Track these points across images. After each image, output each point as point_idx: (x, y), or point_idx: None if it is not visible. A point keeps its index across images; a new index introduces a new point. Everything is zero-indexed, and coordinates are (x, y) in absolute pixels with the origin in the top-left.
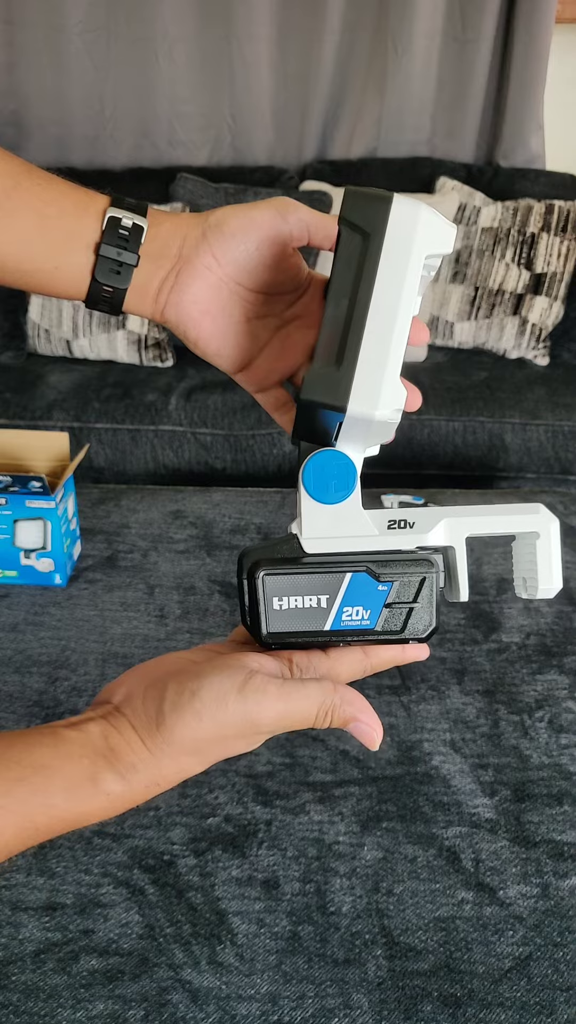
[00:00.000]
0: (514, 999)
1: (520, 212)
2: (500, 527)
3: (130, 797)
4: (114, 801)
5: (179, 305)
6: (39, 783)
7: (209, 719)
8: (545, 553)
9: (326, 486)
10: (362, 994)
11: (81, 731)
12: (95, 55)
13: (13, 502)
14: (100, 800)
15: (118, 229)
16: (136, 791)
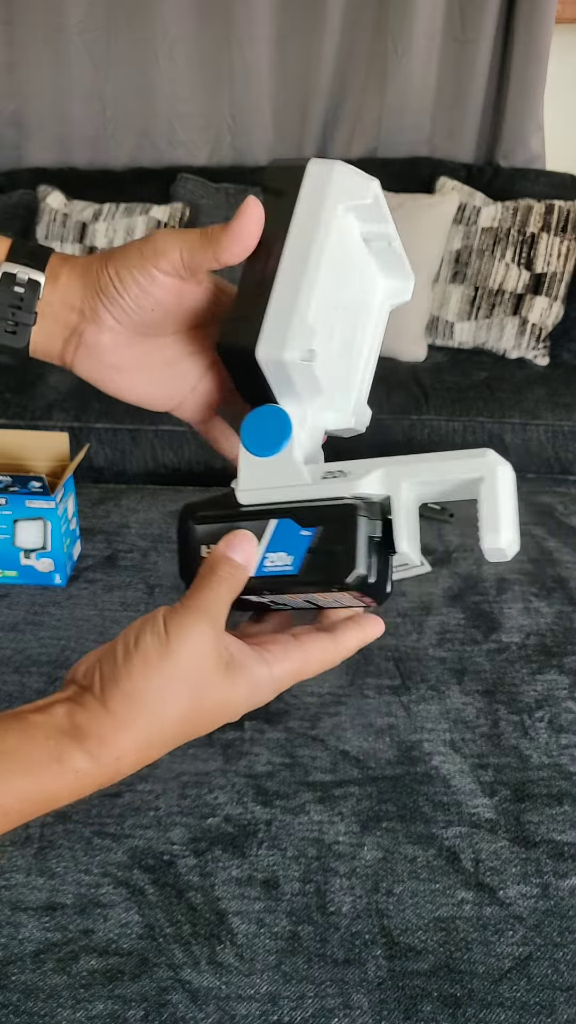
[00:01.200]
0: (514, 999)
1: (520, 212)
2: (440, 473)
3: (99, 773)
4: (83, 778)
5: (88, 361)
6: (5, 766)
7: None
8: (490, 503)
9: (261, 439)
10: (362, 994)
11: (47, 714)
12: (95, 55)
13: (13, 502)
14: (68, 779)
15: (13, 286)
16: (105, 766)
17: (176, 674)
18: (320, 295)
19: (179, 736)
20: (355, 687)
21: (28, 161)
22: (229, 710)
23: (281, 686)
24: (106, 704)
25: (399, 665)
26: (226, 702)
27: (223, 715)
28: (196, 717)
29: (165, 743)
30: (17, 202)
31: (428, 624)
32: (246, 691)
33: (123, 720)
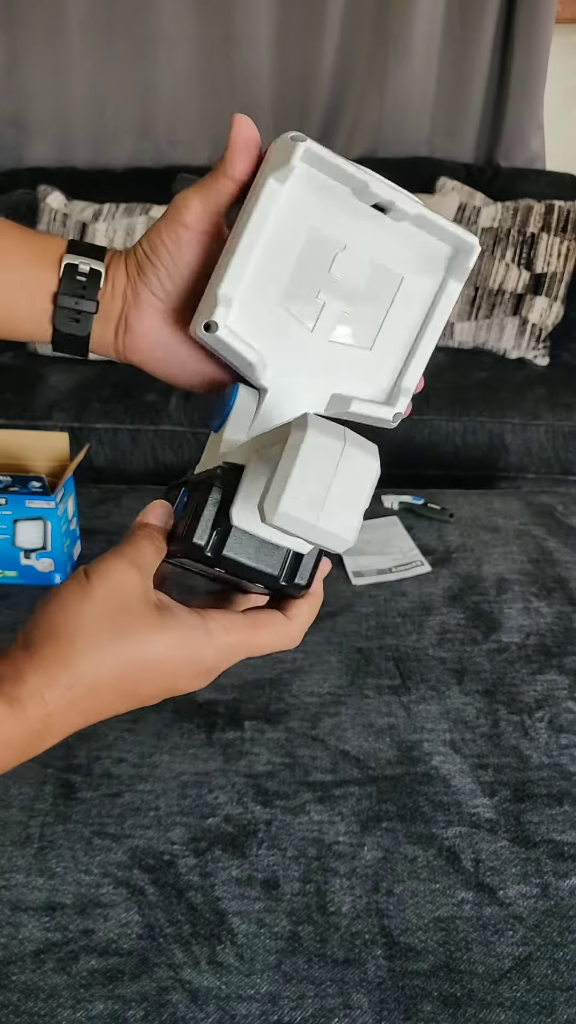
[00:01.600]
0: (514, 999)
1: (520, 212)
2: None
3: (24, 721)
4: (6, 731)
5: (136, 348)
6: None
7: (77, 596)
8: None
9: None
10: (362, 994)
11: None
12: (95, 55)
13: (13, 502)
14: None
15: (76, 276)
16: (28, 708)
17: (95, 607)
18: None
19: (114, 682)
20: (355, 687)
21: (28, 161)
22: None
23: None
24: (27, 647)
25: (399, 665)
26: (163, 649)
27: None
28: (129, 660)
29: (96, 687)
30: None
31: (428, 624)
32: (181, 639)
33: (44, 656)
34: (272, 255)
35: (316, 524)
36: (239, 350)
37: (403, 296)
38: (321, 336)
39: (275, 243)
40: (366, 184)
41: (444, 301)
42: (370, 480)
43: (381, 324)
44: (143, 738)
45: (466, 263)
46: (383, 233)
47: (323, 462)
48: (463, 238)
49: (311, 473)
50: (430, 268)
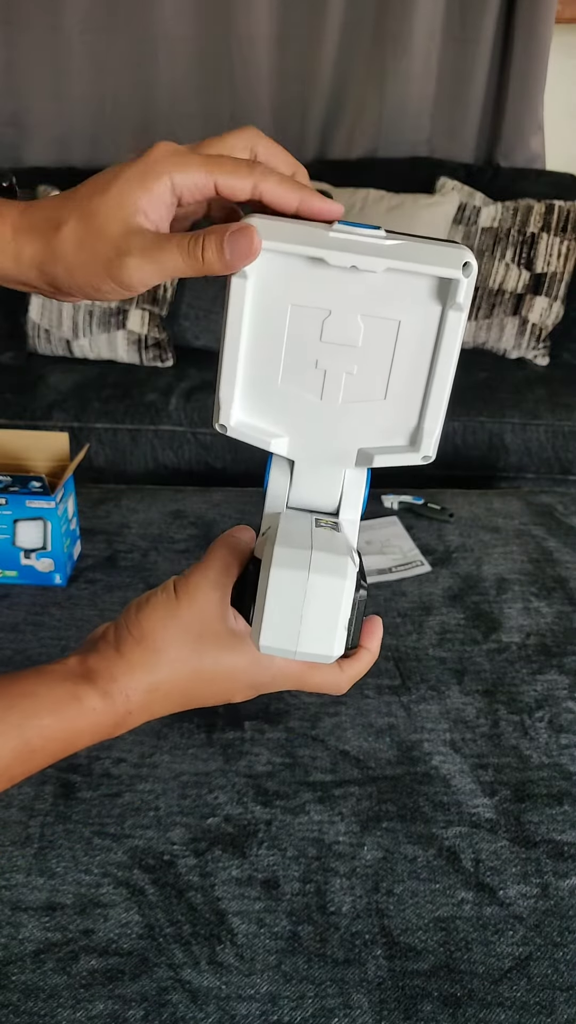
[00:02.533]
0: (514, 999)
1: (520, 212)
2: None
3: (112, 711)
4: (99, 717)
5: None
6: (28, 706)
7: (164, 612)
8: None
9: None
10: (362, 994)
11: (62, 663)
12: (95, 55)
13: (13, 502)
14: (87, 717)
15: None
16: (116, 704)
17: (181, 624)
18: (251, 361)
19: (184, 690)
20: (355, 687)
21: (28, 161)
22: (231, 679)
23: (282, 677)
24: (119, 648)
25: (399, 665)
26: (230, 667)
27: (225, 682)
28: (199, 672)
29: (170, 692)
30: None
31: (428, 624)
32: (247, 663)
33: (133, 661)
34: (260, 343)
35: (296, 651)
36: (254, 439)
37: (405, 339)
38: (331, 401)
39: (259, 331)
40: (324, 260)
41: (449, 334)
42: (342, 597)
43: (389, 373)
44: (143, 738)
45: (456, 294)
46: (365, 286)
47: (290, 595)
48: (444, 275)
49: (281, 607)
50: (424, 304)
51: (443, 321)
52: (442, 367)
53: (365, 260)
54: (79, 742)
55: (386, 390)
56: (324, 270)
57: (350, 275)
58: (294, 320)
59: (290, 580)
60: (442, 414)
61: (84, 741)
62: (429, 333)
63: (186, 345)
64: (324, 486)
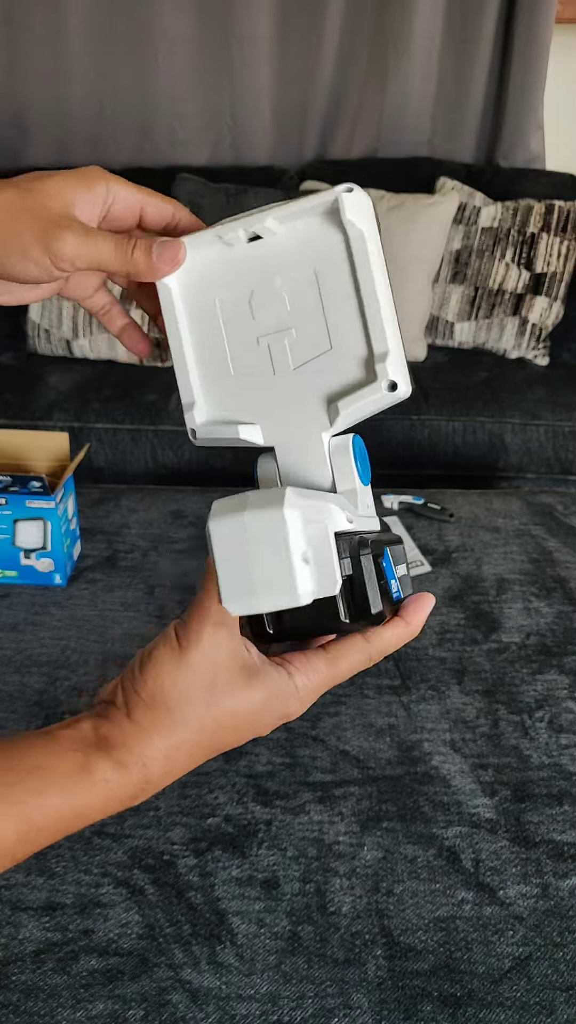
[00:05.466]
0: (514, 999)
1: (520, 212)
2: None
3: (128, 783)
4: (112, 789)
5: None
6: (34, 784)
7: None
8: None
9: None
10: (362, 994)
11: (74, 728)
12: (95, 55)
13: (13, 502)
14: (99, 790)
15: None
16: (132, 774)
17: (191, 676)
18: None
19: (205, 743)
20: (355, 687)
21: (28, 161)
22: (255, 719)
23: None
24: (129, 714)
25: (399, 665)
26: (250, 708)
27: (249, 723)
28: (219, 721)
29: (192, 750)
30: None
31: (428, 624)
32: (268, 695)
33: (146, 727)
34: (203, 341)
35: (261, 605)
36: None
37: (326, 283)
38: (284, 371)
39: (198, 331)
40: (219, 236)
41: (358, 256)
42: (283, 531)
43: (325, 321)
44: None
45: (344, 211)
46: (271, 252)
47: (232, 547)
48: (325, 199)
49: (229, 564)
50: (326, 241)
51: (348, 246)
52: (367, 289)
53: (253, 221)
54: (90, 816)
55: (329, 339)
56: (233, 254)
57: (255, 248)
58: (225, 310)
59: (228, 529)
60: (390, 334)
61: (94, 816)
62: (343, 266)
63: None
64: (310, 462)
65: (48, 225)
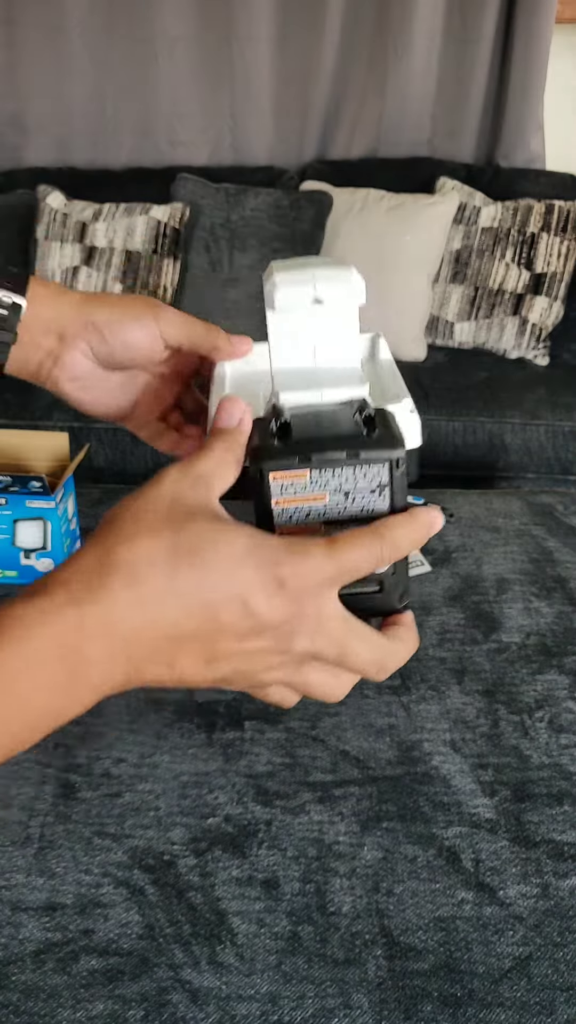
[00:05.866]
0: (514, 999)
1: (520, 212)
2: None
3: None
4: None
5: (60, 382)
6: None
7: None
8: None
9: None
10: (362, 994)
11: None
12: (95, 55)
13: (13, 502)
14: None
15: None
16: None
17: (150, 500)
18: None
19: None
20: (355, 687)
21: (28, 161)
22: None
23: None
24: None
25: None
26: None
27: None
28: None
29: (159, 592)
30: (17, 202)
31: (428, 624)
32: (247, 544)
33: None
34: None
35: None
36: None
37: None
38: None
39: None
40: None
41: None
42: (354, 298)
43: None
44: (143, 738)
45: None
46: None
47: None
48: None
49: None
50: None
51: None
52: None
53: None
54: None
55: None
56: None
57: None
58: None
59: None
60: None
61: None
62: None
63: None
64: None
65: (156, 305)
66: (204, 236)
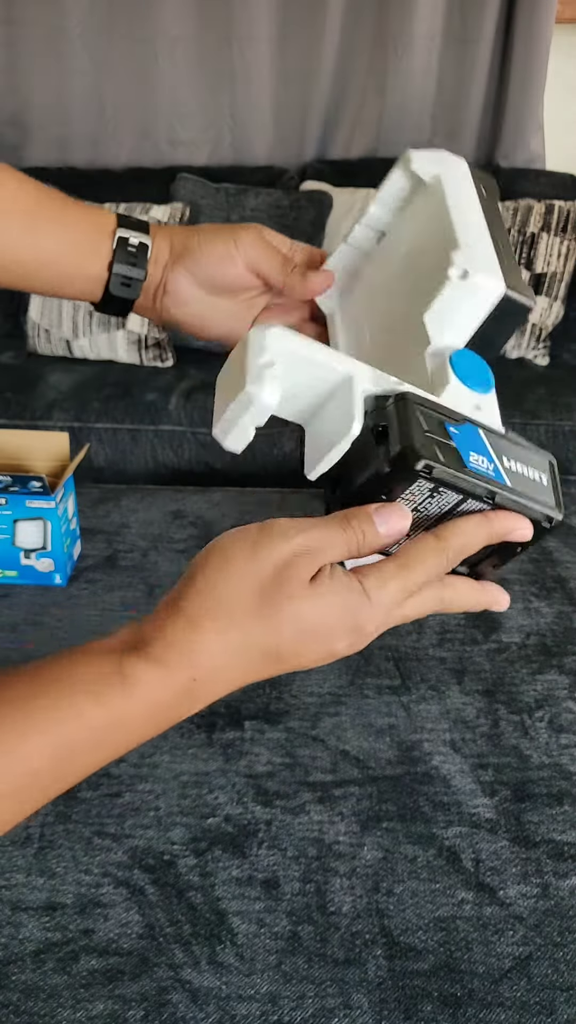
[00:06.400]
0: (514, 999)
1: (520, 212)
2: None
3: (171, 682)
4: (153, 691)
5: (170, 309)
6: (57, 693)
7: (225, 547)
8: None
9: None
10: (362, 994)
11: (109, 636)
12: (95, 55)
13: (13, 502)
14: (136, 693)
15: (127, 247)
16: (174, 672)
17: (258, 570)
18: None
19: (263, 647)
20: (355, 687)
21: (28, 161)
22: (318, 625)
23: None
24: (177, 608)
25: (399, 665)
26: (314, 613)
27: (312, 630)
28: (280, 623)
29: (248, 652)
30: None
31: (428, 624)
32: (332, 602)
33: (193, 616)
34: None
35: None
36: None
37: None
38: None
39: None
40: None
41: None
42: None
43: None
44: None
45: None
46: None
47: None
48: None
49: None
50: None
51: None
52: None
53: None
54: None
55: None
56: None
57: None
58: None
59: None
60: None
61: (138, 725)
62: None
63: (186, 345)
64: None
65: (240, 229)
66: None
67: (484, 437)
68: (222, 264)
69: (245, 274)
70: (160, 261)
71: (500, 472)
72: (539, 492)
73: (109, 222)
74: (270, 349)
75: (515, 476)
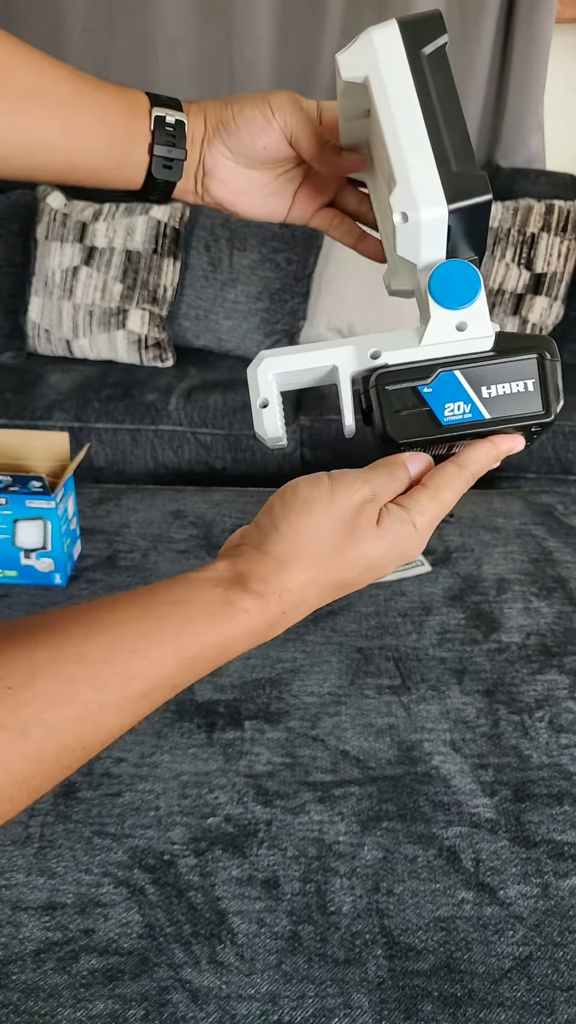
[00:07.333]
0: (514, 999)
1: (520, 212)
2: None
3: (267, 612)
4: (254, 620)
5: (211, 189)
6: (183, 615)
7: (304, 496)
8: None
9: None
10: (362, 994)
11: (209, 570)
12: (95, 55)
13: (13, 502)
14: (241, 620)
15: (165, 127)
16: (271, 603)
17: (336, 519)
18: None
19: (336, 580)
20: (355, 687)
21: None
22: (381, 560)
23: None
24: (266, 550)
25: (399, 665)
26: (379, 552)
27: (376, 563)
28: (352, 562)
29: (323, 585)
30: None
31: (428, 624)
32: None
33: (283, 561)
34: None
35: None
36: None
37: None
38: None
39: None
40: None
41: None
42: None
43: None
44: (143, 738)
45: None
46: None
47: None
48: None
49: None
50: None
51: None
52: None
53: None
54: (235, 648)
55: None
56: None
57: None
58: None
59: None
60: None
61: (240, 646)
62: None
63: (186, 345)
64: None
65: (275, 95)
66: (204, 236)
67: (460, 377)
68: (258, 132)
69: (280, 141)
70: (196, 139)
71: (478, 408)
72: (524, 404)
73: (143, 102)
74: (262, 389)
75: (496, 402)
